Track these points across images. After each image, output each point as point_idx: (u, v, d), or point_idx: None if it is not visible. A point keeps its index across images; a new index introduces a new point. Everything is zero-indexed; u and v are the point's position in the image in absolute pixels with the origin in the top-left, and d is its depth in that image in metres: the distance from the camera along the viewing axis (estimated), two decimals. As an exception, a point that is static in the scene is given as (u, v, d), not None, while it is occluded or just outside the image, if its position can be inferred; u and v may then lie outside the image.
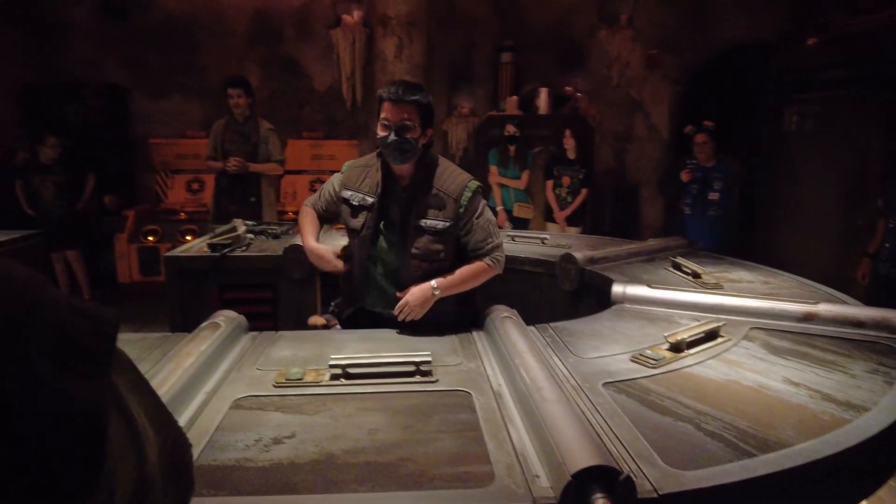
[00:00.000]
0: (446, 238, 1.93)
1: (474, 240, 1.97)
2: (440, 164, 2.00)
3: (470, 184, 1.96)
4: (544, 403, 1.24)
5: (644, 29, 6.35)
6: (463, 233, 1.96)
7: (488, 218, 2.02)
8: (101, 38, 6.51)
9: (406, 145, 1.85)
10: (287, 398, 1.42)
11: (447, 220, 1.92)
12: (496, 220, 5.09)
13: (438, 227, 1.91)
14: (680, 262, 2.71)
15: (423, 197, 1.93)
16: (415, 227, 1.91)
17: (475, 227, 1.96)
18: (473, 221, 1.96)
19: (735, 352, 1.72)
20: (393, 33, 5.80)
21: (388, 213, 1.98)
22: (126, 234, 5.69)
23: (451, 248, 1.95)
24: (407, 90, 1.84)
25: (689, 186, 4.57)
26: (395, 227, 1.96)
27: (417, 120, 1.86)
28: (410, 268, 1.93)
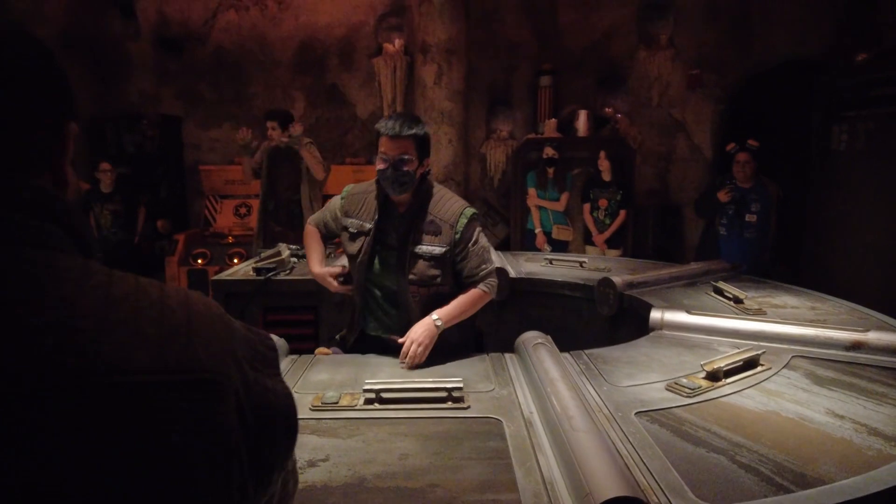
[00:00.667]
0: (443, 264, 1.97)
1: (469, 266, 2.01)
2: (437, 191, 2.06)
3: (466, 210, 2.01)
4: (574, 433, 1.24)
5: (685, 48, 6.30)
6: (458, 259, 2.00)
7: (483, 245, 2.06)
8: (158, 72, 6.90)
9: (404, 178, 1.92)
10: (323, 421, 1.46)
11: (443, 245, 1.97)
12: (539, 241, 5.10)
13: (435, 252, 1.96)
14: (722, 287, 2.65)
15: (419, 223, 1.98)
16: (412, 253, 1.97)
17: (470, 253, 2.01)
18: (469, 248, 2.00)
19: (775, 381, 1.67)
20: (433, 61, 5.92)
21: (385, 238, 2.03)
22: (176, 257, 5.93)
23: (448, 273, 1.99)
24: (404, 125, 1.89)
25: (726, 207, 4.47)
26: (392, 253, 2.02)
27: (415, 153, 1.91)
28: (409, 293, 1.97)
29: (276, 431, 0.56)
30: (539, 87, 6.47)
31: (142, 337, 0.48)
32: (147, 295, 0.52)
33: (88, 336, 0.45)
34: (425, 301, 1.98)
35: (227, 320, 0.56)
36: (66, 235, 0.52)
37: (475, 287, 2.02)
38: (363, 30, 6.70)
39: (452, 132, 6.14)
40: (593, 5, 6.45)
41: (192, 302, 0.55)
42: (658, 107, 6.46)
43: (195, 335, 0.51)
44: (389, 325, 2.06)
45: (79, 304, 0.47)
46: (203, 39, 6.80)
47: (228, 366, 0.52)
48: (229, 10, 6.71)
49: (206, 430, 0.49)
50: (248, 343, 0.56)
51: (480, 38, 6.48)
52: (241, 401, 0.52)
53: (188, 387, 0.48)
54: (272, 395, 0.56)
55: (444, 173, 6.16)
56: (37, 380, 0.43)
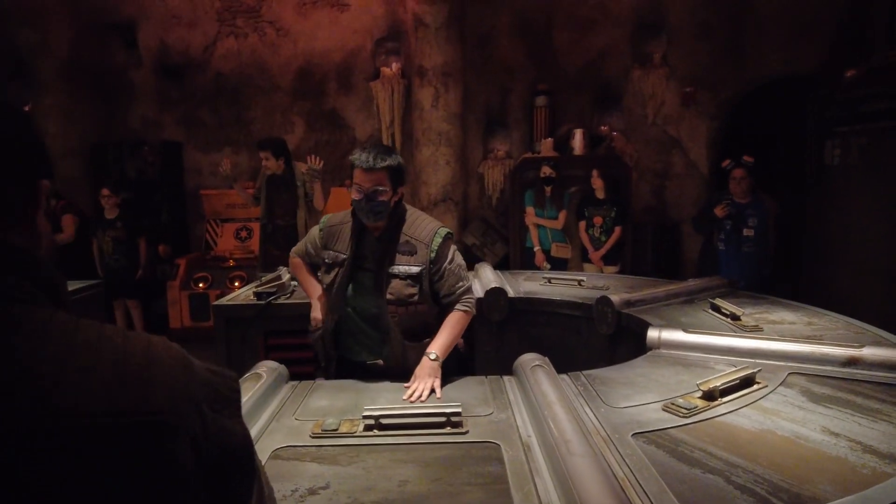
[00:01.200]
0: (419, 282, 2.02)
1: (447, 285, 2.06)
2: (410, 213, 2.11)
3: (440, 230, 2.07)
4: (571, 457, 1.25)
5: (678, 67, 6.39)
6: (436, 278, 2.05)
7: (459, 263, 2.12)
8: (159, 99, 7.00)
9: (379, 208, 1.97)
10: (323, 448, 1.47)
11: (419, 264, 2.01)
12: (538, 259, 5.11)
13: (412, 271, 2.01)
14: (719, 304, 2.67)
15: (394, 245, 2.03)
16: (388, 273, 2.01)
17: (447, 272, 2.06)
18: (445, 267, 2.05)
19: (771, 399, 1.69)
20: (430, 83, 6.02)
21: (362, 263, 2.07)
22: (178, 282, 5.96)
23: (424, 291, 2.03)
24: (378, 157, 1.94)
25: (724, 222, 4.52)
26: (370, 275, 2.05)
27: (389, 184, 1.96)
28: (388, 313, 2.01)
29: (234, 469, 0.59)
30: (535, 107, 6.55)
31: (99, 382, 0.51)
32: (109, 341, 0.55)
33: (48, 381, 0.49)
34: (404, 320, 2.02)
35: (187, 364, 0.58)
36: (36, 288, 0.56)
37: (454, 308, 2.07)
38: (361, 54, 6.81)
39: (450, 153, 6.21)
40: (587, 26, 6.55)
41: (153, 348, 0.57)
42: (653, 124, 6.54)
43: (152, 379, 0.54)
44: (371, 348, 2.10)
45: (41, 353, 0.50)
46: (203, 66, 6.91)
47: (184, 408, 0.54)
48: (229, 38, 6.83)
49: (160, 466, 0.51)
50: (209, 385, 0.59)
51: (476, 61, 6.58)
52: (197, 441, 0.54)
53: (141, 427, 0.51)
54: (230, 436, 0.59)
55: (442, 193, 6.22)
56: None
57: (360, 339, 2.12)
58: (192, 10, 6.76)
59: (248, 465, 0.61)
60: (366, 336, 2.10)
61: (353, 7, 6.69)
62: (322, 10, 6.71)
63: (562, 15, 6.57)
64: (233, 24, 6.78)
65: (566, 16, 6.57)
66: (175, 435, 0.53)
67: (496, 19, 6.60)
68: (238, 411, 0.62)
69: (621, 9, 6.48)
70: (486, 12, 6.53)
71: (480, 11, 6.48)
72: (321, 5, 6.69)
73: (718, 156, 6.09)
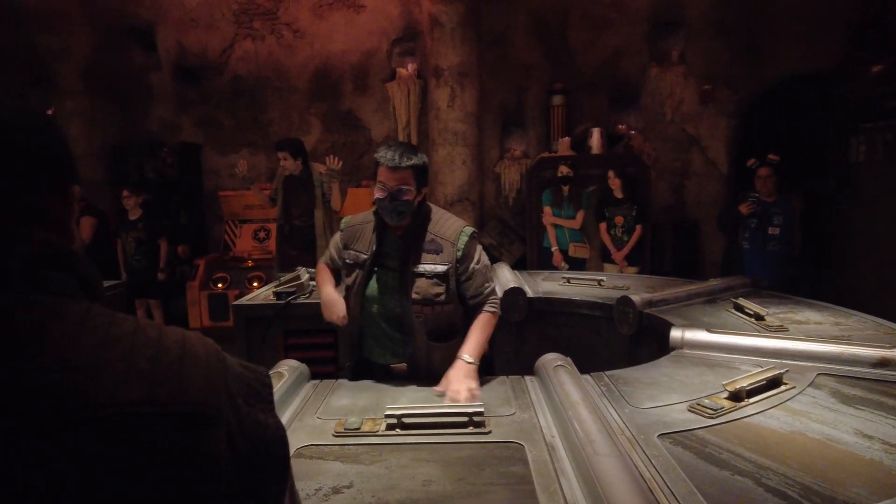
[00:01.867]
0: (446, 281, 1.98)
1: (474, 285, 2.02)
2: (435, 211, 2.07)
3: (465, 229, 2.02)
4: (597, 457, 1.24)
5: (696, 64, 6.32)
6: (462, 278, 2.01)
7: (485, 263, 2.08)
8: (177, 101, 7.08)
9: (402, 207, 1.92)
10: (346, 447, 1.47)
11: (446, 263, 1.97)
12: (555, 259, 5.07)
13: (438, 270, 1.97)
14: (742, 304, 2.63)
15: (419, 243, 1.99)
16: (413, 272, 1.97)
17: (475, 272, 2.02)
18: (472, 267, 2.01)
19: (800, 400, 1.65)
20: (446, 84, 6.01)
21: (385, 262, 2.03)
22: (197, 282, 6.01)
23: (450, 290, 1.99)
24: (403, 156, 1.90)
25: (748, 221, 4.46)
26: (394, 275, 2.01)
27: (413, 183, 1.92)
28: (412, 313, 1.97)
29: (268, 462, 0.59)
30: (551, 106, 6.52)
31: (136, 373, 0.52)
32: (144, 334, 0.56)
33: (85, 373, 0.50)
34: (429, 320, 1.98)
35: (221, 358, 0.59)
36: (72, 281, 0.57)
37: (482, 309, 2.03)
38: (377, 55, 6.83)
39: (466, 153, 6.20)
40: (603, 25, 6.51)
41: (188, 341, 0.59)
42: (671, 122, 6.47)
43: (187, 371, 0.55)
44: (394, 350, 2.06)
45: (79, 344, 0.52)
46: (221, 69, 6.97)
47: (219, 399, 0.55)
48: (246, 40, 6.89)
49: (197, 457, 0.52)
50: (242, 380, 0.60)
51: (492, 61, 6.56)
52: (232, 432, 0.55)
53: (178, 418, 0.52)
54: (264, 428, 0.59)
55: (458, 194, 6.21)
56: (36, 414, 0.47)
57: (382, 342, 2.08)
58: (209, 13, 6.82)
59: (282, 459, 0.62)
60: (389, 338, 2.06)
61: (369, 8, 6.71)
62: (338, 12, 6.74)
63: (577, 14, 6.54)
64: (250, 27, 6.84)
65: (582, 14, 6.53)
66: (211, 426, 0.54)
67: (512, 18, 6.58)
68: (271, 406, 0.63)
69: (637, 7, 6.43)
70: (502, 12, 6.51)
71: (496, 11, 6.46)
72: (337, 7, 6.72)
73: (738, 154, 6.01)
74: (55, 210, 0.62)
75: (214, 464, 0.53)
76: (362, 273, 2.03)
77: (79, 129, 6.61)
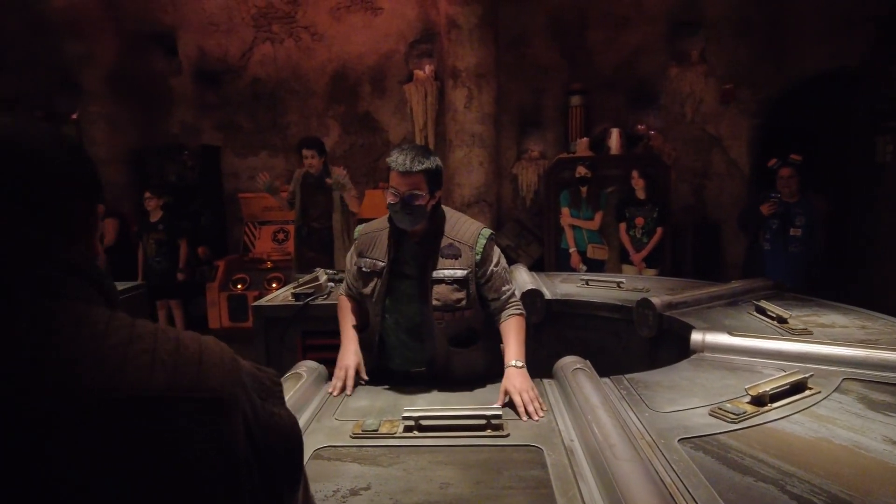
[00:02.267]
0: (466, 286, 1.94)
1: (494, 288, 1.99)
2: (450, 215, 2.03)
3: (483, 231, 1.98)
4: (617, 461, 1.22)
5: (717, 64, 6.24)
6: (482, 281, 1.98)
7: (504, 265, 2.05)
8: (198, 104, 7.17)
9: (415, 212, 1.88)
10: (363, 449, 1.47)
11: (465, 268, 1.94)
12: (573, 260, 4.99)
13: (458, 275, 1.93)
14: (764, 306, 2.58)
15: (436, 248, 1.95)
16: (433, 279, 1.93)
17: (494, 275, 1.99)
18: (492, 270, 1.98)
19: (826, 406, 1.61)
20: (463, 85, 6.01)
21: (402, 269, 1.98)
22: (217, 283, 6.08)
23: (471, 295, 1.96)
24: (415, 160, 1.86)
25: (770, 221, 4.38)
26: (412, 283, 1.96)
27: (426, 187, 1.87)
28: (433, 321, 1.94)
29: (284, 450, 0.64)
30: (569, 106, 6.48)
31: (160, 363, 0.57)
32: (165, 334, 0.62)
33: (114, 364, 0.56)
34: (450, 326, 1.95)
35: (234, 357, 0.65)
36: (97, 292, 0.63)
37: (510, 314, 2.00)
38: (394, 57, 6.85)
39: (483, 154, 6.19)
40: (622, 24, 6.46)
41: (204, 341, 0.64)
42: (692, 123, 6.40)
43: (206, 364, 0.60)
44: (413, 359, 2.02)
45: (107, 341, 0.57)
46: (240, 72, 7.06)
47: (235, 389, 0.60)
48: (265, 43, 6.96)
49: (217, 442, 0.57)
50: (254, 377, 0.65)
51: (510, 61, 6.55)
52: (248, 421, 0.60)
53: (200, 404, 0.57)
54: (279, 419, 0.65)
55: (476, 195, 6.20)
56: (73, 399, 0.53)
57: (401, 351, 2.05)
58: (229, 18, 6.90)
59: (296, 450, 0.67)
60: (407, 347, 2.04)
61: (387, 11, 6.74)
62: (356, 15, 6.78)
63: (596, 13, 6.49)
64: (269, 30, 6.91)
65: (600, 14, 6.48)
66: (230, 412, 0.58)
67: (529, 19, 6.55)
68: (282, 401, 0.68)
69: (656, 6, 6.37)
70: (519, 12, 6.49)
71: (513, 11, 6.44)
72: (355, 10, 6.76)
73: (760, 154, 5.92)
74: (84, 226, 0.68)
75: (234, 448, 0.57)
76: (380, 281, 1.99)
77: (102, 132, 6.73)
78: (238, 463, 0.57)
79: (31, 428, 0.51)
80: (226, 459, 0.56)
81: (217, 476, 0.56)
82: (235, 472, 0.57)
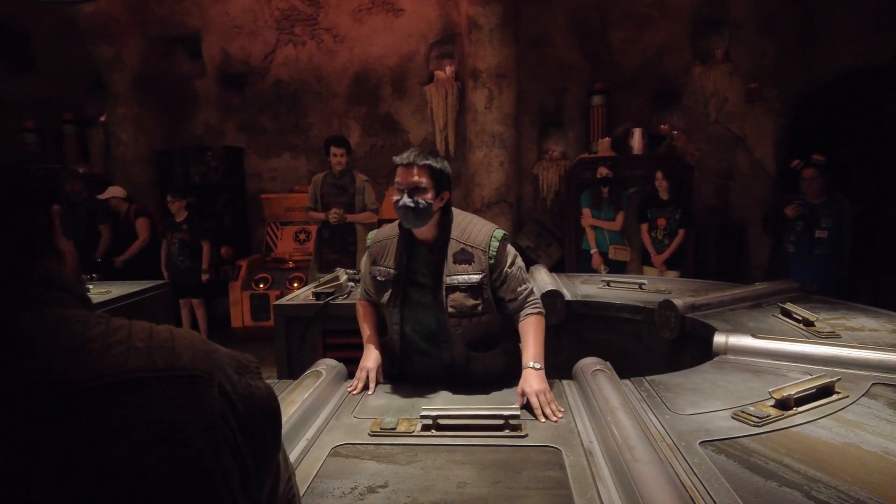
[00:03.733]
0: (481, 291, 1.91)
1: (510, 289, 1.96)
2: (461, 219, 1.99)
3: (496, 233, 1.95)
4: (636, 463, 1.21)
5: (742, 62, 6.13)
6: (497, 284, 1.95)
7: (519, 265, 2.00)
8: (221, 106, 7.27)
9: (419, 206, 1.84)
10: (381, 447, 1.48)
11: (479, 272, 1.90)
12: (595, 262, 4.95)
13: (472, 281, 1.90)
14: (790, 309, 2.53)
15: (450, 254, 1.92)
16: (447, 286, 1.90)
17: (509, 276, 1.95)
18: (507, 271, 1.95)
19: (853, 411, 1.57)
20: (484, 86, 6.00)
21: (416, 277, 1.97)
22: (240, 283, 6.16)
23: (487, 300, 1.93)
24: (419, 156, 1.86)
25: (795, 223, 4.29)
26: (426, 291, 1.94)
27: (430, 182, 1.85)
28: (450, 327, 1.91)
29: (263, 414, 0.70)
30: (591, 106, 6.43)
31: (135, 350, 0.63)
32: (138, 324, 0.68)
33: (95, 353, 0.62)
34: (467, 332, 1.93)
35: (207, 342, 0.71)
36: (70, 297, 0.69)
37: (528, 313, 1.98)
38: (415, 58, 6.87)
39: (504, 154, 6.17)
40: (644, 23, 6.39)
41: (176, 329, 0.70)
42: (716, 122, 6.30)
43: (178, 347, 0.66)
44: (431, 366, 2.01)
45: (86, 335, 0.63)
46: (263, 74, 7.14)
47: (208, 366, 0.66)
48: (287, 45, 7.03)
49: (195, 414, 0.62)
50: (230, 356, 0.71)
51: (531, 61, 6.52)
52: (226, 392, 0.66)
53: (175, 380, 0.63)
54: (255, 389, 0.70)
55: (496, 195, 6.19)
56: (60, 387, 0.59)
57: (421, 358, 2.04)
58: (252, 21, 6.99)
59: (275, 413, 0.73)
60: (424, 355, 2.02)
61: (408, 12, 6.76)
62: (377, 16, 6.82)
63: (618, 12, 6.43)
64: (291, 33, 6.98)
65: (622, 13, 6.42)
66: (204, 386, 0.64)
67: (550, 19, 6.52)
68: (260, 376, 0.73)
69: (679, 4, 6.29)
70: (541, 12, 6.46)
71: (535, 12, 6.42)
72: (376, 11, 6.79)
73: (786, 154, 5.80)
74: (44, 232, 0.70)
75: (212, 416, 0.63)
76: (394, 291, 1.97)
77: (128, 134, 6.87)
78: (215, 429, 0.63)
79: (26, 420, 0.57)
80: (202, 424, 0.62)
81: (198, 439, 0.61)
82: (215, 437, 0.63)
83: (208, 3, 6.94)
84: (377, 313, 2.15)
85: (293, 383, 1.86)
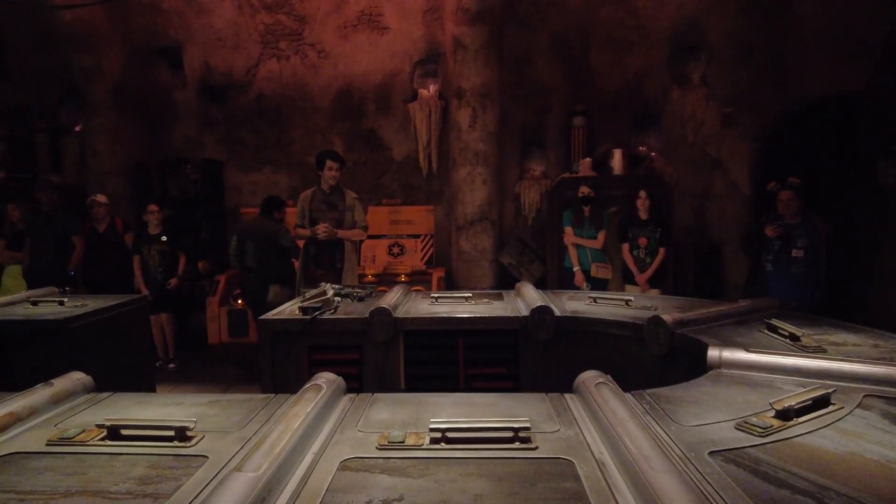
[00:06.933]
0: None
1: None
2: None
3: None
4: (654, 473, 1.21)
5: (718, 87, 6.34)
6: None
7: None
8: (201, 118, 7.20)
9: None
10: (391, 461, 1.45)
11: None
12: (577, 279, 5.01)
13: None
14: (776, 324, 2.59)
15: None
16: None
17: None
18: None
19: (850, 421, 1.61)
20: (467, 104, 6.07)
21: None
22: (217, 298, 6.05)
23: None
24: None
25: (772, 243, 4.43)
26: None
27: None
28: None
29: None
30: (572, 127, 6.55)
31: None
32: None
33: None
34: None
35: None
36: None
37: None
38: (399, 76, 6.92)
39: (487, 172, 6.23)
40: (625, 48, 6.56)
41: None
42: (693, 144, 6.47)
43: None
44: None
45: None
46: (245, 87, 7.10)
47: None
48: (271, 60, 7.01)
49: None
50: None
51: (514, 82, 6.63)
52: None
53: None
54: None
55: (479, 213, 6.23)
56: None
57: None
58: (236, 34, 6.97)
59: None
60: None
61: (394, 30, 6.82)
62: (362, 34, 6.86)
63: (599, 36, 6.60)
64: (275, 47, 6.97)
65: (603, 37, 6.59)
66: None
67: (534, 41, 6.65)
68: None
69: (659, 30, 6.48)
70: (524, 34, 6.59)
71: (518, 33, 6.54)
72: (362, 28, 6.84)
73: (761, 176, 5.99)
74: None
75: None
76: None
77: (105, 145, 6.74)
78: None
79: None
80: None
81: None
82: None
83: (192, 14, 6.90)
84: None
85: (293, 397, 1.83)
